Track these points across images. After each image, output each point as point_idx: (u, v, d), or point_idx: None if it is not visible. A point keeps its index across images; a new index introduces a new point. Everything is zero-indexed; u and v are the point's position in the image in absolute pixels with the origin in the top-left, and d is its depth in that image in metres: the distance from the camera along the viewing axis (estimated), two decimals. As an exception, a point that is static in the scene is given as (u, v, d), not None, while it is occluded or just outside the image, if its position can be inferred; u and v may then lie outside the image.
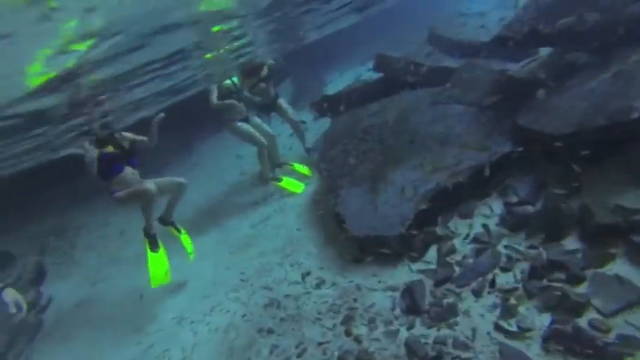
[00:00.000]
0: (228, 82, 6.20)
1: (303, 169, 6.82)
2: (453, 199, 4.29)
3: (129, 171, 4.72)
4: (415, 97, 5.90)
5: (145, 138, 5.00)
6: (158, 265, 4.86)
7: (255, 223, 6.09)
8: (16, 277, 5.97)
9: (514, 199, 4.00)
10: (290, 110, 7.03)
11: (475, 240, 3.92)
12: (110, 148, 4.61)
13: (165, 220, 5.28)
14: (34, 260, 6.48)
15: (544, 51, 5.16)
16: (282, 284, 4.66)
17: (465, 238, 4.01)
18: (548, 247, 3.40)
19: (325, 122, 7.93)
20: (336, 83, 10.78)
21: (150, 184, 4.56)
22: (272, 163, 6.75)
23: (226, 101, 5.87)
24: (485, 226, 3.98)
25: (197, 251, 5.51)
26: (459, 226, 4.17)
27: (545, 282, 3.16)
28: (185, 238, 5.38)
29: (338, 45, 13.20)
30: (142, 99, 5.57)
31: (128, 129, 5.06)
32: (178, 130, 8.92)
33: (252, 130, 6.30)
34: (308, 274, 4.63)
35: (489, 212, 4.15)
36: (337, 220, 4.74)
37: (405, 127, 5.29)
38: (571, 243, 3.36)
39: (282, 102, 7.03)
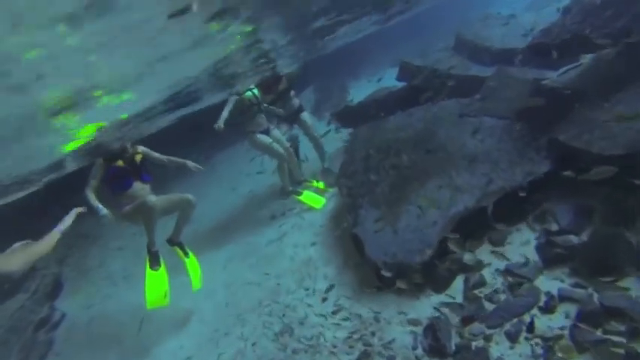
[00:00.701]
0: (249, 93, 6.01)
1: (323, 185, 6.54)
2: (482, 224, 3.88)
3: (138, 186, 4.52)
4: (441, 109, 5.48)
5: (163, 158, 4.86)
6: (156, 284, 4.51)
7: (271, 240, 5.83)
8: (34, 290, 5.93)
9: (554, 226, 3.56)
10: (312, 126, 6.81)
11: (508, 272, 3.50)
12: (120, 163, 4.45)
13: (172, 241, 5.00)
14: (52, 272, 6.46)
15: (589, 58, 4.65)
16: (296, 310, 4.40)
17: (496, 270, 3.59)
18: (600, 287, 2.93)
19: (346, 134, 7.64)
20: (361, 90, 10.42)
21: (151, 198, 4.32)
22: (291, 178, 6.51)
23: (221, 124, 5.39)
24: (519, 256, 3.55)
25: (209, 269, 5.28)
26: (488, 255, 3.75)
27: (599, 333, 2.67)
28: (192, 263, 4.99)
29: (364, 51, 12.85)
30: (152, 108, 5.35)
31: (143, 141, 4.91)
32: (195, 140, 8.83)
33: (271, 142, 6.09)
34: (324, 300, 4.35)
35: (524, 240, 3.71)
36: (355, 244, 4.42)
37: (430, 141, 4.90)
38: (631, 285, 2.87)
39: (306, 116, 6.82)
